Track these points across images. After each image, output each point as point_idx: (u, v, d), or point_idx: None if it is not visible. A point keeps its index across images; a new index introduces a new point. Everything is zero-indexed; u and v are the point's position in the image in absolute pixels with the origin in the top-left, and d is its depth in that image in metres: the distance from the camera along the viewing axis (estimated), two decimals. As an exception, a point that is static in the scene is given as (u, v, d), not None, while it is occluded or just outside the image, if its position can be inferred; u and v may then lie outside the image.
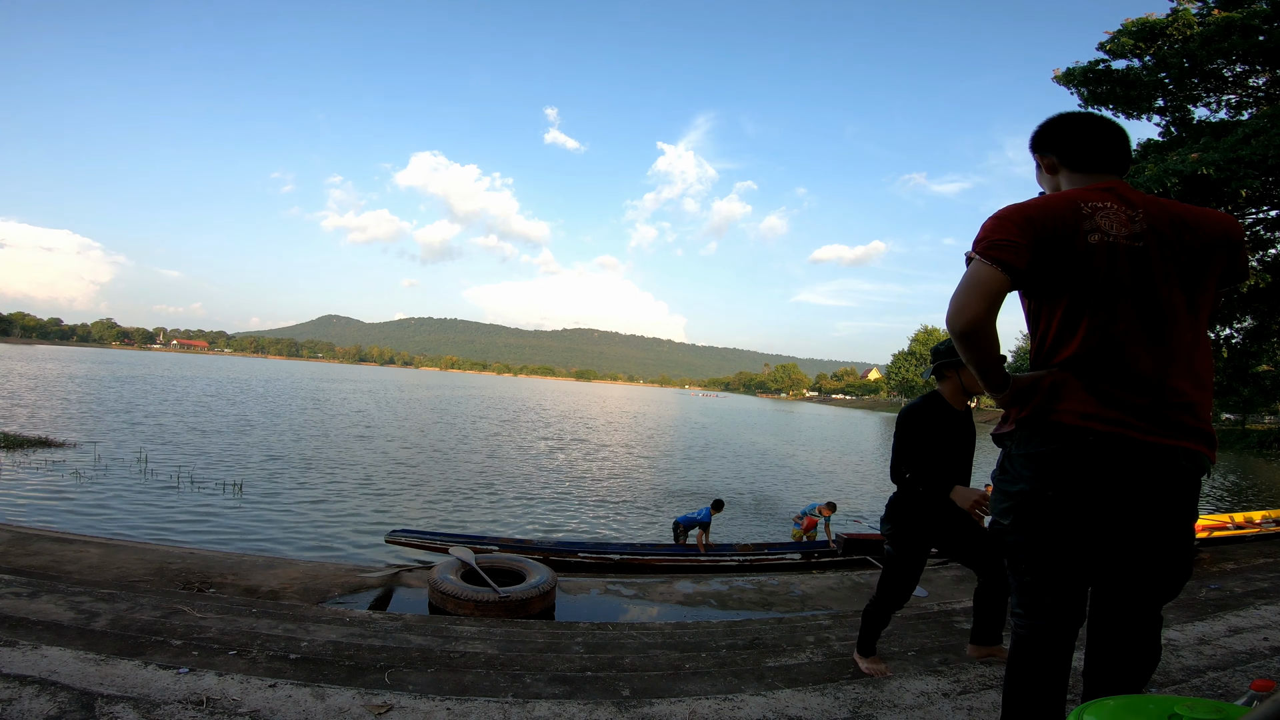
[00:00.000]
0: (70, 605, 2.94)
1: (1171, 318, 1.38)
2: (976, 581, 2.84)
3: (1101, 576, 1.45)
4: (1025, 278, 1.40)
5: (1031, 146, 1.62)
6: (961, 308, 1.36)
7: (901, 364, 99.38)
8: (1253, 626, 3.29)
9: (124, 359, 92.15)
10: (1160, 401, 1.35)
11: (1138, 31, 9.85)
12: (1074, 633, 1.45)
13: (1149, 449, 1.34)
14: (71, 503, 8.50)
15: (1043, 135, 1.60)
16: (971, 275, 1.37)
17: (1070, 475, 1.38)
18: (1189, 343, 1.39)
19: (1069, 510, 1.38)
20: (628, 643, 3.12)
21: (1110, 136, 1.54)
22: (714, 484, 14.68)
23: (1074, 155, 1.55)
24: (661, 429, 33.10)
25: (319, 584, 4.71)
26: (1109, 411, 1.35)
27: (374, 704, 2.14)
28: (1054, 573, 1.42)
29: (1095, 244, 1.37)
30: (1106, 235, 1.38)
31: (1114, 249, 1.38)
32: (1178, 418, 1.35)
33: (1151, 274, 1.38)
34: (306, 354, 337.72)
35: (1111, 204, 1.42)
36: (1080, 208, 1.41)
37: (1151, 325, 1.37)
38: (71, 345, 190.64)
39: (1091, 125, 1.56)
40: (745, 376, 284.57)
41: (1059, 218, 1.39)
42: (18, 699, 1.96)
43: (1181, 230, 1.41)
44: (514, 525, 9.36)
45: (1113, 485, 1.36)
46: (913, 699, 2.41)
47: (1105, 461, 1.35)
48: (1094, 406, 1.36)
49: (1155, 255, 1.38)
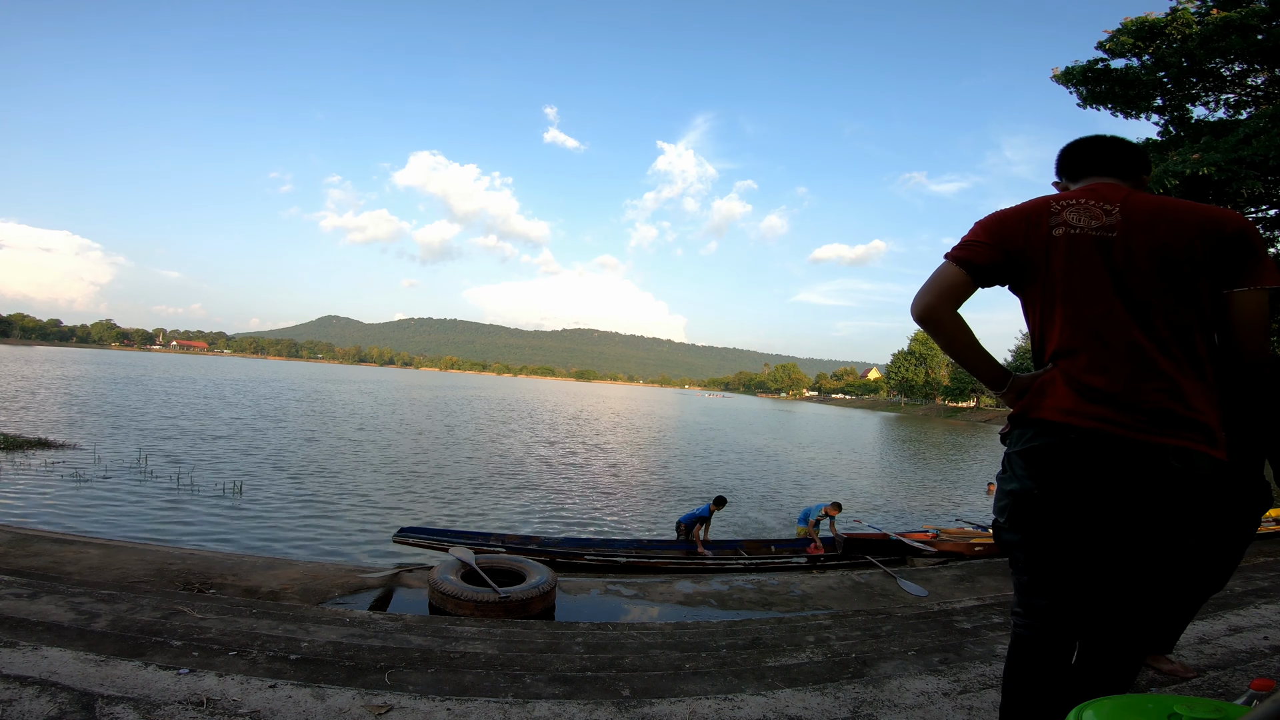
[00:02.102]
0: (70, 606, 2.94)
1: (1150, 306, 1.35)
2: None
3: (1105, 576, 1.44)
4: (989, 273, 1.48)
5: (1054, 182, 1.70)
6: (917, 298, 1.50)
7: (901, 364, 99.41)
8: (1253, 625, 3.29)
9: (123, 360, 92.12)
10: (1140, 391, 1.33)
11: (1137, 30, 9.86)
12: (1073, 632, 1.45)
13: (1133, 446, 1.32)
14: (71, 504, 8.51)
15: (1056, 166, 1.68)
16: (935, 271, 1.51)
17: (1055, 472, 1.38)
18: (1173, 331, 1.35)
19: (1057, 508, 1.38)
20: (628, 643, 3.11)
21: (1099, 143, 1.60)
22: (717, 484, 14.68)
23: (1070, 168, 1.63)
24: (663, 429, 33.10)
25: (319, 584, 4.71)
26: (1089, 406, 1.35)
27: (374, 704, 2.14)
28: (1048, 571, 1.43)
29: (1059, 236, 1.42)
30: (1072, 228, 1.41)
31: (1076, 240, 1.40)
32: (1164, 406, 1.32)
33: (1121, 263, 1.37)
34: (306, 355, 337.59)
35: (1086, 199, 1.45)
36: (1051, 205, 1.47)
37: (1128, 314, 1.36)
38: (71, 346, 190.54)
39: (1083, 139, 1.63)
40: (745, 376, 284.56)
41: (1026, 216, 1.47)
42: (18, 700, 1.96)
43: (1158, 221, 1.38)
44: (518, 525, 9.36)
45: (1098, 483, 1.34)
46: (913, 698, 2.41)
47: (1088, 458, 1.34)
48: (1073, 401, 1.37)
49: (1128, 245, 1.37)
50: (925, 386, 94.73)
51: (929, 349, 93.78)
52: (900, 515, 12.51)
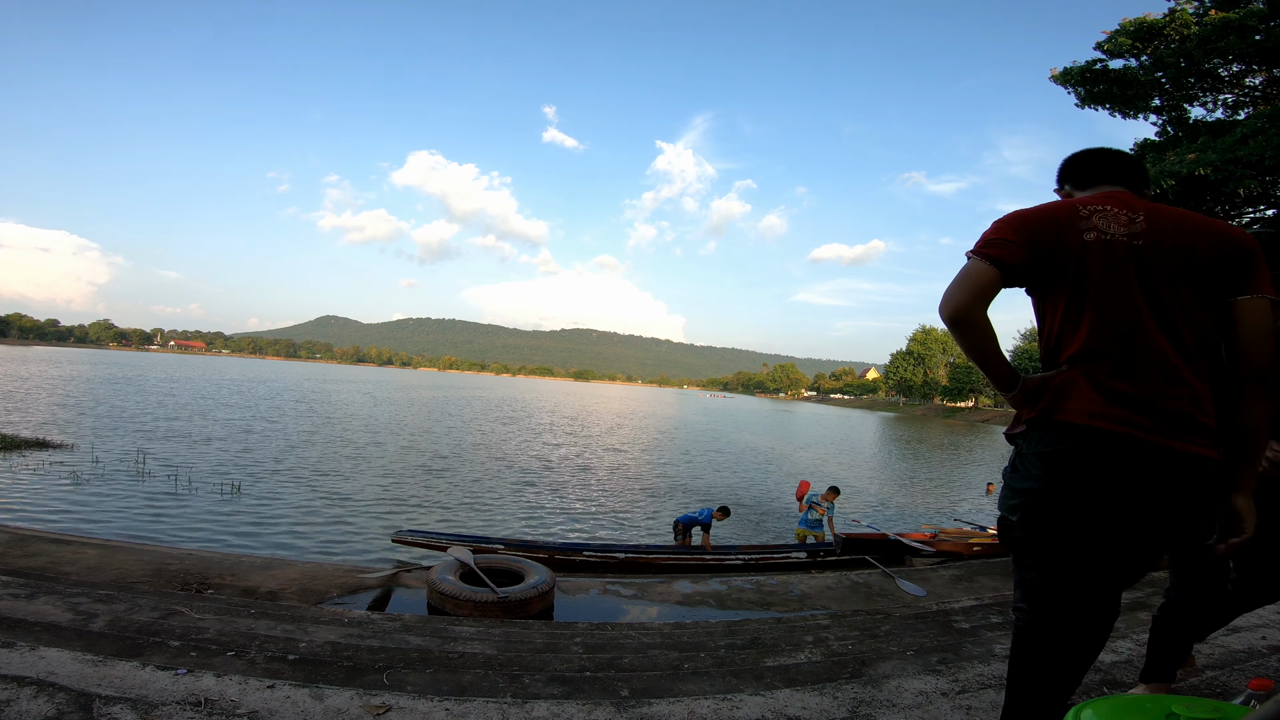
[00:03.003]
0: (68, 606, 2.93)
1: (1176, 315, 1.39)
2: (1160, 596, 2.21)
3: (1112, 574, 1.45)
4: (1018, 273, 1.47)
5: (1056, 189, 1.73)
6: (949, 296, 1.46)
7: (899, 364, 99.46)
8: (1250, 625, 3.29)
9: (121, 360, 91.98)
10: (1164, 398, 1.36)
11: (1135, 31, 9.88)
12: (1078, 630, 1.46)
13: (1158, 451, 1.35)
14: (69, 504, 8.49)
15: (1059, 174, 1.72)
16: (964, 269, 1.47)
17: (1079, 475, 1.39)
18: (1195, 340, 1.40)
19: (1077, 509, 1.39)
20: (626, 643, 3.11)
21: (1109, 153, 1.63)
22: (718, 484, 14.69)
23: (1078, 176, 1.65)
24: (662, 430, 33.11)
25: (317, 585, 4.71)
26: (1116, 410, 1.37)
27: (372, 704, 2.14)
28: (1059, 570, 1.44)
29: (1091, 241, 1.42)
30: (1104, 233, 1.42)
31: (1110, 246, 1.41)
32: (1185, 411, 1.36)
33: (1151, 271, 1.40)
34: (305, 355, 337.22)
35: (1112, 207, 1.46)
36: (1079, 209, 1.46)
37: (1156, 321, 1.39)
38: (69, 346, 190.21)
39: (1091, 149, 1.66)
40: (744, 376, 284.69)
41: (1055, 218, 1.46)
42: (16, 700, 1.95)
43: (1182, 230, 1.42)
44: (517, 525, 9.36)
45: (1121, 486, 1.36)
46: (912, 698, 2.41)
47: (1114, 461, 1.36)
48: (1100, 405, 1.38)
49: (1156, 253, 1.40)
50: (923, 386, 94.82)
51: (927, 349, 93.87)
52: (899, 515, 12.53)
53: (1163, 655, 2.17)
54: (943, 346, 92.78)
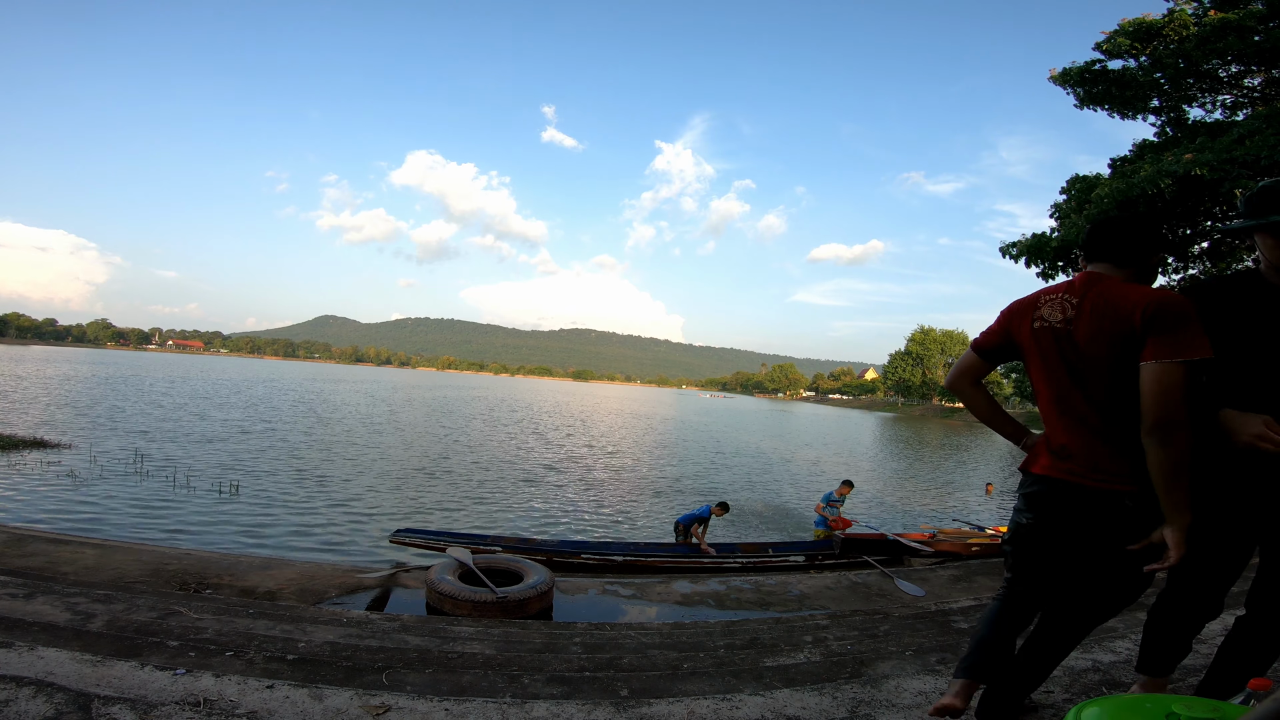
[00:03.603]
0: (66, 606, 2.93)
1: (1091, 382, 1.70)
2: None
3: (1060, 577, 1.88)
4: (998, 354, 1.95)
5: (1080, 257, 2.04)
6: (948, 375, 2.07)
7: (898, 364, 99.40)
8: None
9: (119, 360, 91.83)
10: (1091, 449, 1.72)
11: (1134, 31, 9.89)
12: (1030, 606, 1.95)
13: (1097, 492, 1.72)
14: (67, 503, 8.47)
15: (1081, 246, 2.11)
16: (962, 355, 2.03)
17: (1043, 509, 1.84)
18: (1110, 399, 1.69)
19: (1040, 533, 1.86)
20: (626, 643, 3.11)
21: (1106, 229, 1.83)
22: (718, 484, 14.69)
23: (1086, 250, 1.90)
24: (662, 430, 33.11)
25: (316, 585, 4.70)
26: (1059, 463, 1.79)
27: (372, 704, 2.14)
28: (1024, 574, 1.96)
29: (1037, 328, 1.81)
30: (1046, 321, 1.79)
31: (1049, 331, 1.78)
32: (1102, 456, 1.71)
33: (1073, 348, 1.73)
34: (303, 354, 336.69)
35: (1062, 294, 1.79)
36: (1039, 300, 1.84)
37: (1076, 389, 1.73)
38: (67, 346, 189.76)
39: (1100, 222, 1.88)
40: (742, 376, 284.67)
41: (1022, 309, 1.87)
42: (14, 700, 1.95)
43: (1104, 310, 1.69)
44: (517, 525, 9.35)
45: (1069, 517, 1.78)
46: (911, 698, 2.41)
47: (1064, 500, 1.78)
48: (1050, 459, 1.82)
49: (1076, 334, 1.72)
50: (922, 387, 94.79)
51: (925, 349, 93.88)
52: (897, 515, 12.53)
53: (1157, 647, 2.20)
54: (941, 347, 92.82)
